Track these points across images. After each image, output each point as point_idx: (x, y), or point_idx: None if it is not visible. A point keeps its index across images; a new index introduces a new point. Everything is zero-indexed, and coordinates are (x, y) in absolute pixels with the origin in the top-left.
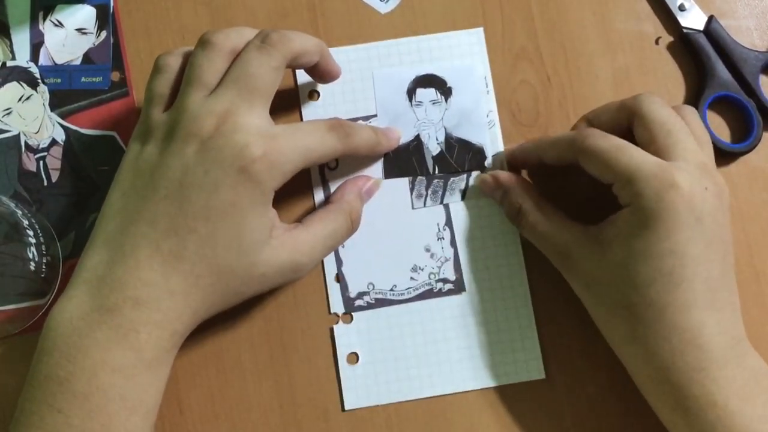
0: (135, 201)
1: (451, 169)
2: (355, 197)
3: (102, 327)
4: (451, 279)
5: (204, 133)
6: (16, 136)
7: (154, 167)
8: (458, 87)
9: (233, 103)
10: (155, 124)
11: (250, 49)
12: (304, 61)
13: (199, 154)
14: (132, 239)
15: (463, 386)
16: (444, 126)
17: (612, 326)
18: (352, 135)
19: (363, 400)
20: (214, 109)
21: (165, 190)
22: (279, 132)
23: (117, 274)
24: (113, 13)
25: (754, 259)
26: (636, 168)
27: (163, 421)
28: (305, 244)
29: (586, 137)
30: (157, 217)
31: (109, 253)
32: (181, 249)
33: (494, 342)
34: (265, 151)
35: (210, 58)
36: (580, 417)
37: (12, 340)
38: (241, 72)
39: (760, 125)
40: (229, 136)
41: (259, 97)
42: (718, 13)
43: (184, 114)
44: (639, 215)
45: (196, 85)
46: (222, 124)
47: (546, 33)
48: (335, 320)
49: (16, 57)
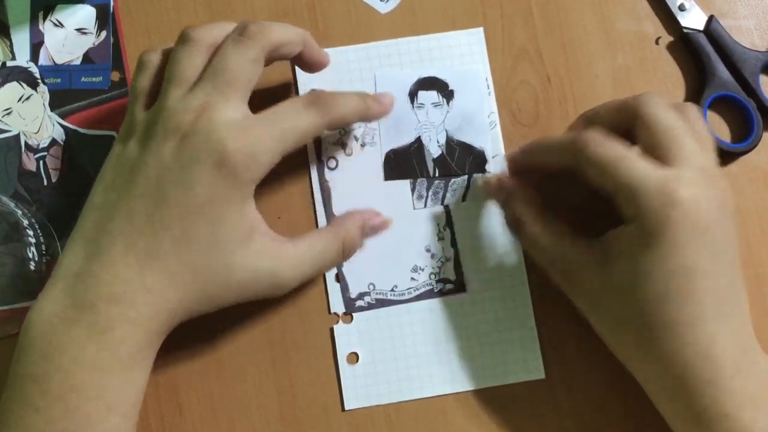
0: (113, 198)
1: (451, 172)
2: (354, 226)
3: (77, 324)
4: (451, 279)
5: (181, 130)
6: (16, 136)
7: (134, 164)
8: (460, 90)
9: (209, 97)
10: (137, 122)
11: (227, 42)
12: (285, 51)
13: (176, 150)
14: (108, 236)
15: (463, 386)
16: (445, 129)
17: (620, 342)
18: (334, 105)
19: (363, 400)
20: (191, 105)
21: (143, 187)
22: (254, 121)
23: (93, 270)
24: (113, 13)
25: (754, 259)
26: (638, 182)
27: (163, 421)
28: (289, 256)
29: (585, 144)
30: (134, 214)
31: (85, 250)
32: (156, 246)
33: (494, 342)
34: (241, 143)
35: (189, 53)
36: (581, 417)
37: (12, 340)
38: (218, 66)
39: (760, 125)
40: (204, 131)
41: (235, 89)
42: (718, 13)
43: (162, 112)
44: (643, 233)
45: (175, 82)
46: (198, 119)
47: (546, 33)
48: (335, 320)
49: (16, 57)
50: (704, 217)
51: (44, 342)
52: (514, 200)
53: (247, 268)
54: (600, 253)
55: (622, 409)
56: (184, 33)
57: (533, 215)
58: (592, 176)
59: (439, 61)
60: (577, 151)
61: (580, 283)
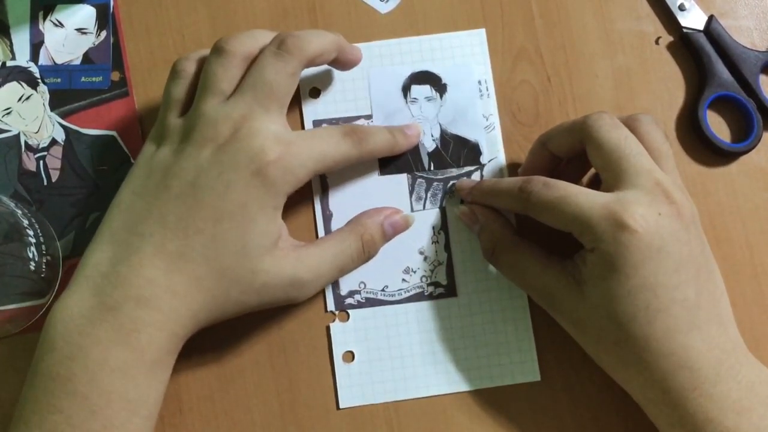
0: (145, 200)
1: (446, 165)
2: (374, 224)
3: (104, 325)
4: (443, 283)
5: (220, 138)
6: (16, 135)
7: (167, 168)
8: (453, 83)
9: (250, 108)
10: (171, 128)
11: (266, 55)
12: (320, 61)
13: (214, 156)
14: (138, 237)
15: (458, 387)
16: (439, 122)
17: (603, 358)
18: (367, 140)
19: (358, 398)
20: (231, 115)
21: (177, 189)
22: (294, 137)
23: (121, 271)
24: (113, 13)
25: (754, 259)
26: (585, 217)
27: (163, 421)
28: (310, 260)
29: (530, 193)
30: (166, 217)
31: (113, 250)
32: (186, 249)
33: (489, 344)
34: (280, 154)
35: (224, 65)
36: (579, 418)
37: (12, 340)
38: (257, 79)
39: (760, 125)
40: (244, 140)
41: (275, 102)
42: (718, 13)
43: (200, 118)
44: (602, 259)
45: (211, 93)
46: (238, 129)
47: (546, 33)
48: (332, 318)
49: (16, 57)
50: (657, 237)
51: (69, 342)
52: (488, 231)
53: (271, 273)
54: (573, 276)
55: (618, 410)
56: (218, 44)
57: (508, 245)
58: (544, 220)
59: (441, 62)
60: (524, 200)
61: (559, 305)
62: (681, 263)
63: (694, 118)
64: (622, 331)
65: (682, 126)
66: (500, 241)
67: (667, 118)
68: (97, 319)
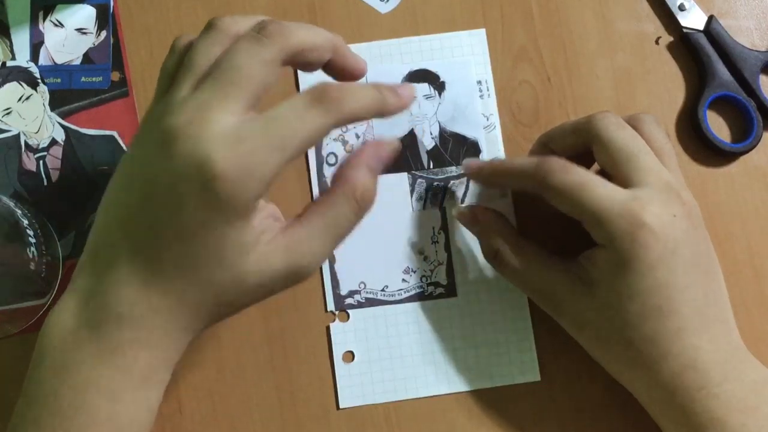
0: (115, 208)
1: (446, 163)
2: (360, 171)
3: (89, 344)
4: (443, 283)
5: (172, 132)
6: (16, 135)
7: (132, 166)
8: (451, 81)
9: (208, 98)
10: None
11: (243, 38)
12: (310, 57)
13: (166, 161)
14: (110, 250)
15: (458, 387)
16: (438, 120)
17: (609, 359)
18: (343, 101)
19: (358, 398)
20: (188, 104)
21: (137, 196)
22: (249, 130)
23: (101, 289)
24: (113, 13)
25: (754, 259)
26: (603, 208)
27: (163, 421)
28: (301, 241)
29: (547, 172)
30: (131, 227)
31: (92, 264)
32: (158, 265)
33: (489, 344)
34: (231, 161)
35: (207, 42)
36: (579, 418)
37: (12, 340)
38: (226, 63)
39: (760, 125)
40: (192, 140)
41: (238, 91)
42: (718, 13)
43: (164, 107)
44: (615, 257)
45: (188, 73)
46: (189, 123)
47: (546, 33)
48: (332, 318)
49: (16, 57)
50: (672, 237)
51: (55, 359)
52: (489, 232)
53: (262, 273)
54: (578, 277)
55: (618, 410)
56: (210, 21)
57: (510, 246)
58: (557, 203)
59: (441, 62)
60: (540, 179)
61: (563, 307)
62: (692, 263)
63: (694, 118)
64: (631, 331)
65: (682, 126)
66: (502, 242)
67: (667, 118)
68: (84, 338)
